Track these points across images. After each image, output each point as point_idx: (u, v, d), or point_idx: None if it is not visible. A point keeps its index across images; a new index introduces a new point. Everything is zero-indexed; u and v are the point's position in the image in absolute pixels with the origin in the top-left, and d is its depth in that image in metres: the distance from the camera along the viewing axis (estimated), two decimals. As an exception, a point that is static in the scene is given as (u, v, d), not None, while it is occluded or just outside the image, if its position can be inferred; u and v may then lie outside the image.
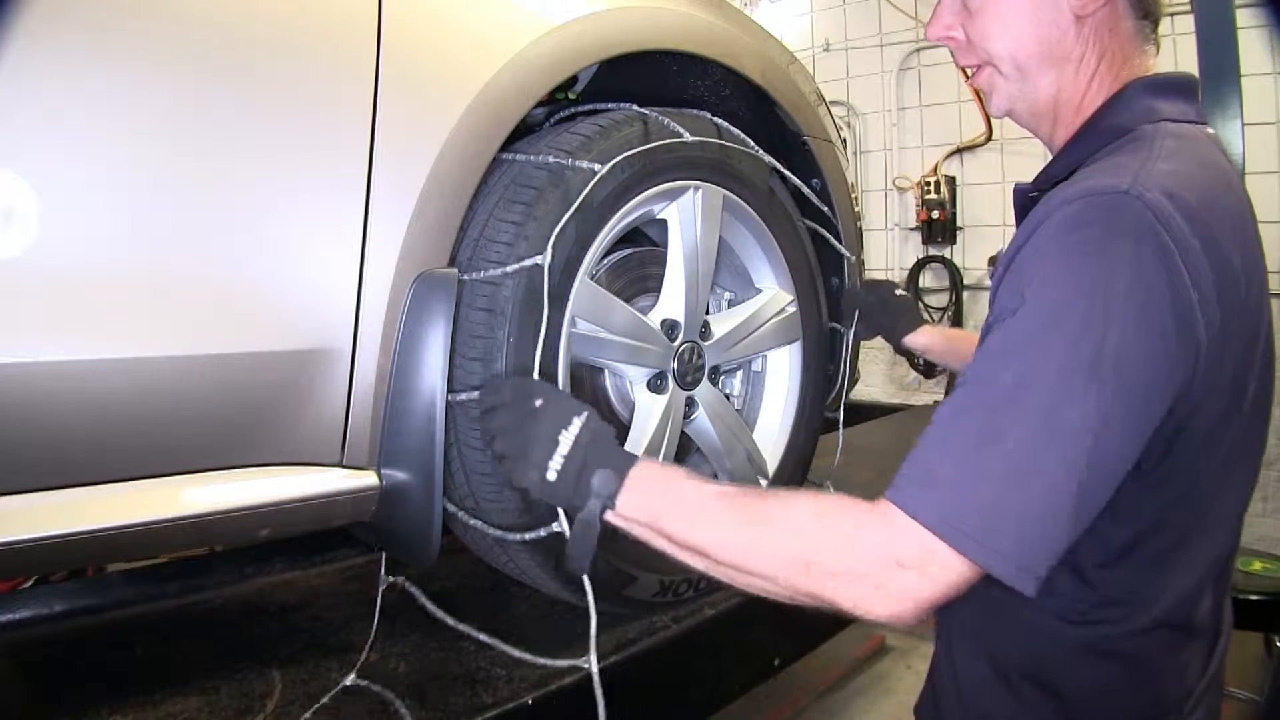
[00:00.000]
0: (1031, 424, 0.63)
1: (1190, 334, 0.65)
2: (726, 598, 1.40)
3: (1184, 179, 0.69)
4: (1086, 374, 0.63)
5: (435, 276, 0.99)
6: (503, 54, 1.03)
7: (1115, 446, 0.64)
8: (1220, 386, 0.69)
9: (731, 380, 1.53)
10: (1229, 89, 2.32)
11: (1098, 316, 0.63)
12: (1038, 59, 0.81)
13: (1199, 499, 0.74)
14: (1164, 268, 0.64)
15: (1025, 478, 0.63)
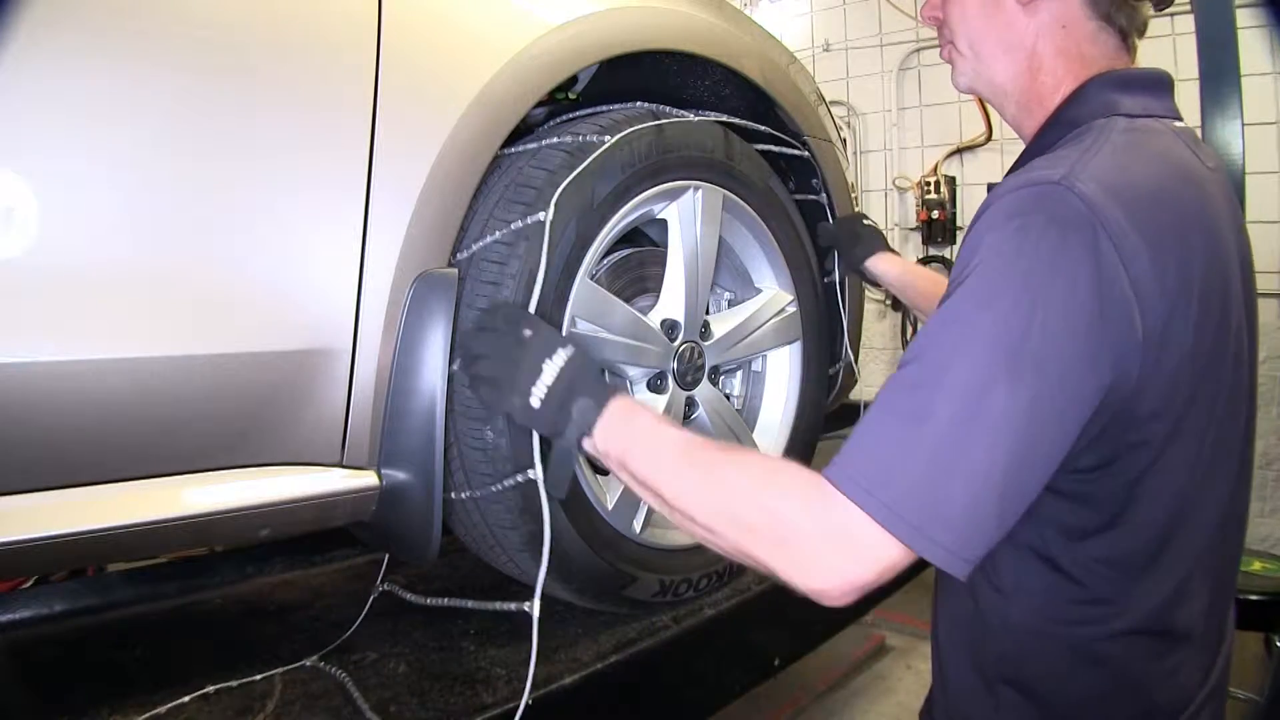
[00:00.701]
0: (956, 406, 0.64)
1: (1123, 323, 0.66)
2: (726, 598, 1.40)
3: (1127, 171, 0.70)
4: (1011, 359, 0.63)
5: (435, 276, 0.99)
6: (503, 54, 1.03)
7: (1042, 432, 0.64)
8: (1179, 379, 0.69)
9: (731, 380, 1.53)
10: (1229, 89, 2.32)
11: (1025, 303, 0.64)
12: (990, 43, 0.86)
13: (1173, 494, 0.74)
14: (1092, 257, 0.65)
15: (951, 460, 0.63)
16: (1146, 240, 0.66)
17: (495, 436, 1.04)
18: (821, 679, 2.54)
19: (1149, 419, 0.70)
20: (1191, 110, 2.51)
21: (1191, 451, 0.74)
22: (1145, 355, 0.67)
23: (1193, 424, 0.73)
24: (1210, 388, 0.73)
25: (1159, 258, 0.67)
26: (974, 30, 0.88)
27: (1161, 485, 0.73)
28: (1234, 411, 0.78)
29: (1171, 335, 0.68)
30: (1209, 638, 0.81)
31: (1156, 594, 0.76)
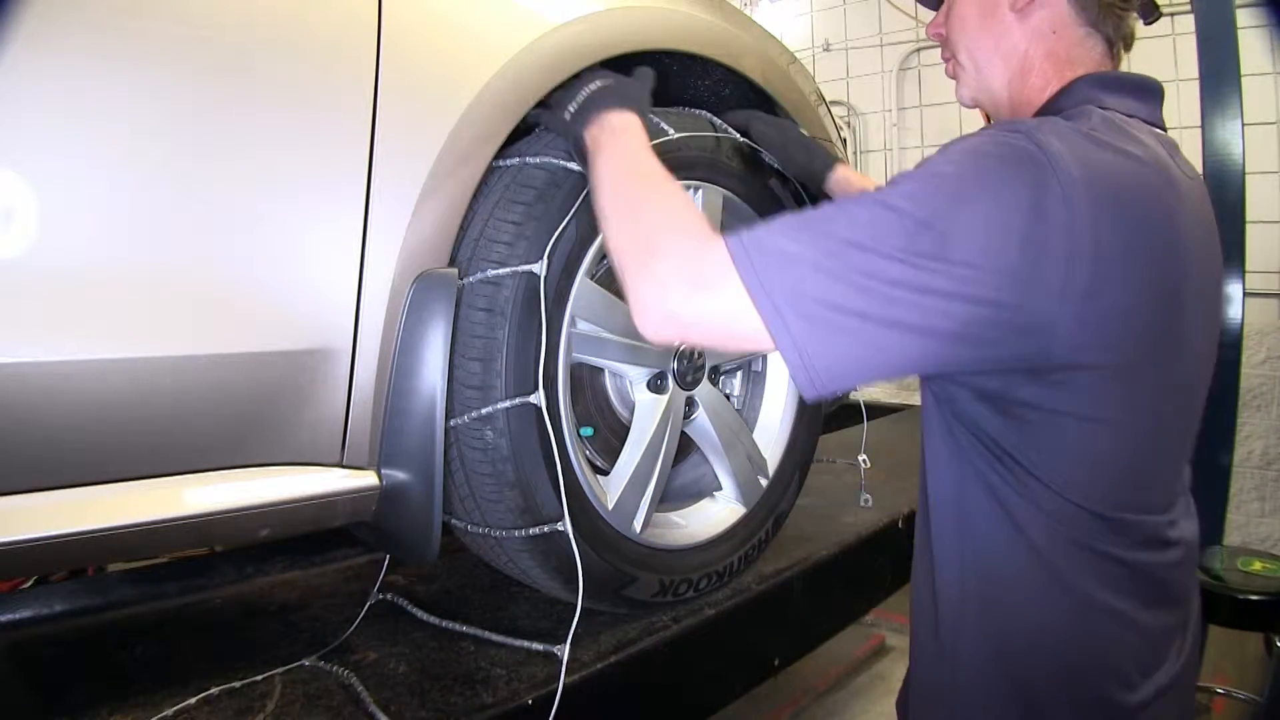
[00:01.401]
0: (857, 260, 0.67)
1: (1049, 260, 0.67)
2: (727, 598, 1.40)
3: (1090, 141, 0.72)
4: (913, 234, 0.67)
5: (435, 276, 0.99)
6: (503, 54, 1.03)
7: (925, 320, 0.67)
8: (1113, 342, 0.71)
9: (732, 380, 1.54)
10: (1229, 89, 2.33)
11: (951, 200, 0.68)
12: (986, 50, 0.90)
13: (1113, 458, 0.76)
14: (1037, 191, 0.67)
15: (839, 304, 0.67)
16: (1093, 198, 0.68)
17: (495, 436, 1.04)
18: (821, 679, 2.54)
19: (1071, 366, 0.71)
20: (1191, 110, 2.51)
21: (1135, 424, 0.76)
22: (1065, 300, 0.68)
23: (1135, 397, 0.74)
24: (1157, 370, 0.75)
25: (1106, 215, 0.69)
26: (972, 40, 0.91)
27: (1101, 446, 0.75)
28: (1184, 406, 0.80)
29: (1103, 294, 0.69)
30: (1171, 612, 0.83)
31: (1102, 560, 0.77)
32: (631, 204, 0.86)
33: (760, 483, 1.43)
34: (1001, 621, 0.81)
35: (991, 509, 0.79)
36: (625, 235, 0.82)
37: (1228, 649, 2.41)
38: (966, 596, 0.83)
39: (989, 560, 0.80)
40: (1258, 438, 3.23)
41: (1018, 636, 0.80)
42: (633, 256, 0.79)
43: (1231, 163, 2.34)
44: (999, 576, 0.80)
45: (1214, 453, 2.44)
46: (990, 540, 0.80)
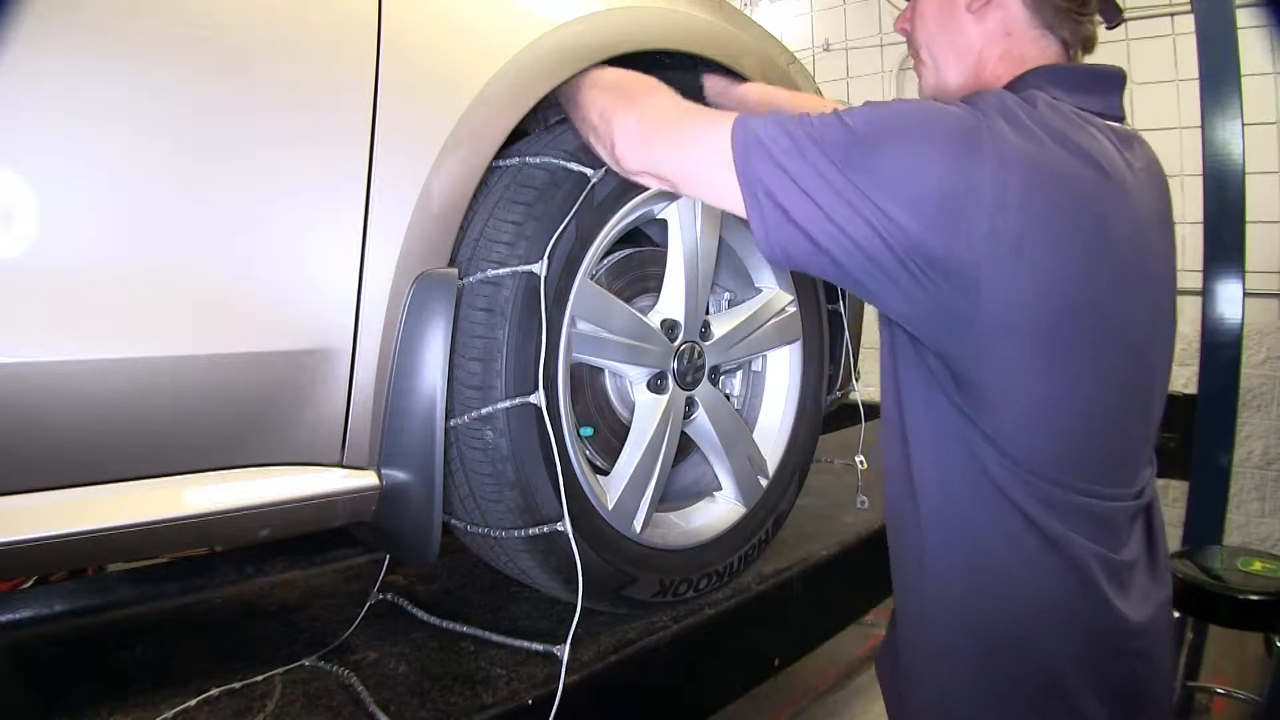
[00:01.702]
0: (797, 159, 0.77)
1: (968, 213, 0.71)
2: (726, 598, 1.40)
3: (1031, 118, 0.76)
4: (849, 146, 0.76)
5: (435, 276, 0.99)
6: (504, 54, 1.03)
7: (840, 225, 0.75)
8: (1039, 311, 0.74)
9: (731, 380, 1.53)
10: (1229, 89, 2.33)
11: (892, 129, 0.76)
12: (945, 49, 0.93)
13: (1053, 422, 0.79)
14: (968, 144, 0.73)
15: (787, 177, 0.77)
16: (1026, 163, 0.73)
17: (495, 436, 1.04)
18: (821, 679, 2.54)
19: (1005, 326, 0.74)
20: (1192, 110, 2.51)
21: (1071, 397, 0.78)
22: (993, 247, 0.71)
23: (1068, 369, 0.77)
24: (1090, 348, 0.78)
25: (1038, 188, 0.73)
26: (932, 39, 0.95)
27: (1040, 414, 0.78)
28: (1131, 386, 0.83)
29: (1028, 254, 0.72)
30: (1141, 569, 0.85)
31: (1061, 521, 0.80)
32: (607, 86, 1.02)
33: (760, 483, 1.43)
34: (979, 561, 0.83)
35: (963, 454, 0.82)
36: (606, 99, 1.00)
37: (1228, 649, 2.41)
38: (949, 542, 0.85)
39: (962, 501, 0.83)
40: (1258, 438, 3.23)
41: (994, 576, 0.82)
42: (615, 108, 0.97)
43: (1231, 163, 2.34)
44: (975, 521, 0.82)
45: (1214, 453, 2.44)
46: (964, 480, 0.82)
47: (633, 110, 0.95)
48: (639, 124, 0.93)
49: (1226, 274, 2.40)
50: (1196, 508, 2.50)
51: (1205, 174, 2.40)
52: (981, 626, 0.83)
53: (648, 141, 0.92)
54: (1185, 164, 3.15)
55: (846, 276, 0.79)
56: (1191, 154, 2.86)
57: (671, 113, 0.92)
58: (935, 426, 0.84)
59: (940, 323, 0.77)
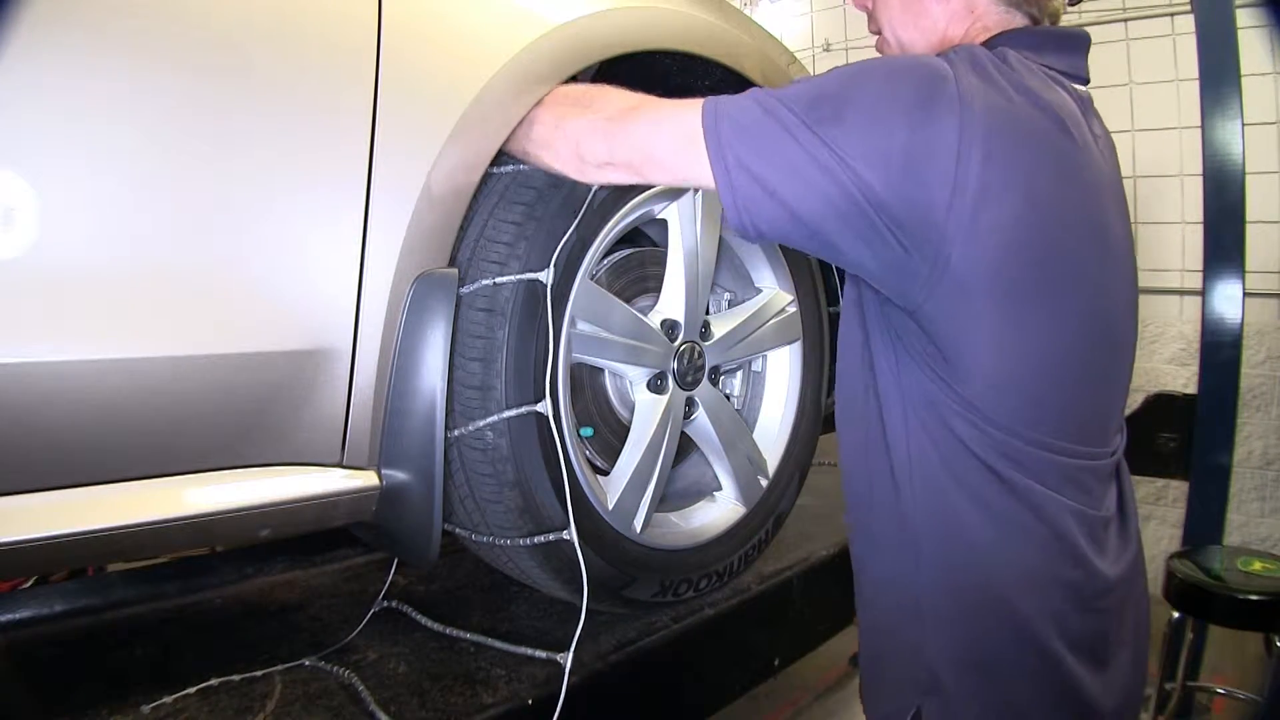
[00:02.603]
0: (768, 122, 0.77)
1: (934, 158, 0.72)
2: (726, 598, 1.40)
3: (998, 70, 0.76)
4: (815, 101, 0.76)
5: (435, 276, 0.99)
6: (504, 54, 1.03)
7: (816, 180, 0.74)
8: (1001, 262, 0.75)
9: (731, 380, 1.53)
10: (1229, 89, 2.32)
11: (856, 83, 0.76)
12: (909, 30, 0.94)
13: (1017, 374, 0.79)
14: (932, 92, 0.73)
15: (756, 141, 0.77)
16: (989, 110, 0.73)
17: (495, 437, 1.04)
18: (821, 679, 2.54)
19: (968, 278, 0.75)
20: (1192, 110, 2.51)
21: (1033, 349, 0.79)
22: (956, 198, 0.72)
23: (1027, 320, 0.78)
24: (1051, 300, 0.79)
25: (999, 138, 0.73)
26: (895, 18, 0.95)
27: (1004, 366, 0.79)
28: (1094, 342, 0.83)
29: (991, 202, 0.72)
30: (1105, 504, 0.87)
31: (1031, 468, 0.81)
32: (565, 101, 1.01)
33: (760, 483, 1.43)
34: (955, 521, 0.83)
35: (933, 417, 0.82)
36: (563, 109, 0.98)
37: (1228, 649, 2.41)
38: (925, 503, 0.85)
39: (934, 463, 0.83)
40: (1258, 438, 3.23)
41: (971, 537, 0.83)
42: (570, 116, 0.96)
43: (1231, 163, 2.34)
44: (948, 481, 0.83)
45: (1214, 453, 2.44)
46: (935, 442, 0.83)
47: (588, 109, 0.94)
48: (602, 118, 0.91)
49: (1226, 274, 2.40)
50: (1196, 508, 2.49)
51: (1205, 174, 2.39)
52: (958, 586, 0.84)
53: (611, 131, 0.90)
54: (1185, 164, 3.15)
55: (816, 238, 0.79)
56: (1191, 154, 2.86)
57: (632, 100, 0.92)
58: (904, 391, 0.84)
59: (909, 279, 0.77)
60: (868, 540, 0.94)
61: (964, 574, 0.83)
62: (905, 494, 0.85)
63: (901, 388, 0.84)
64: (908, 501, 0.85)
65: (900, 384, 0.84)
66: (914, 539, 0.86)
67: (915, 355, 0.82)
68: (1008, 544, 0.81)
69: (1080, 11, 3.31)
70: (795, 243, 0.82)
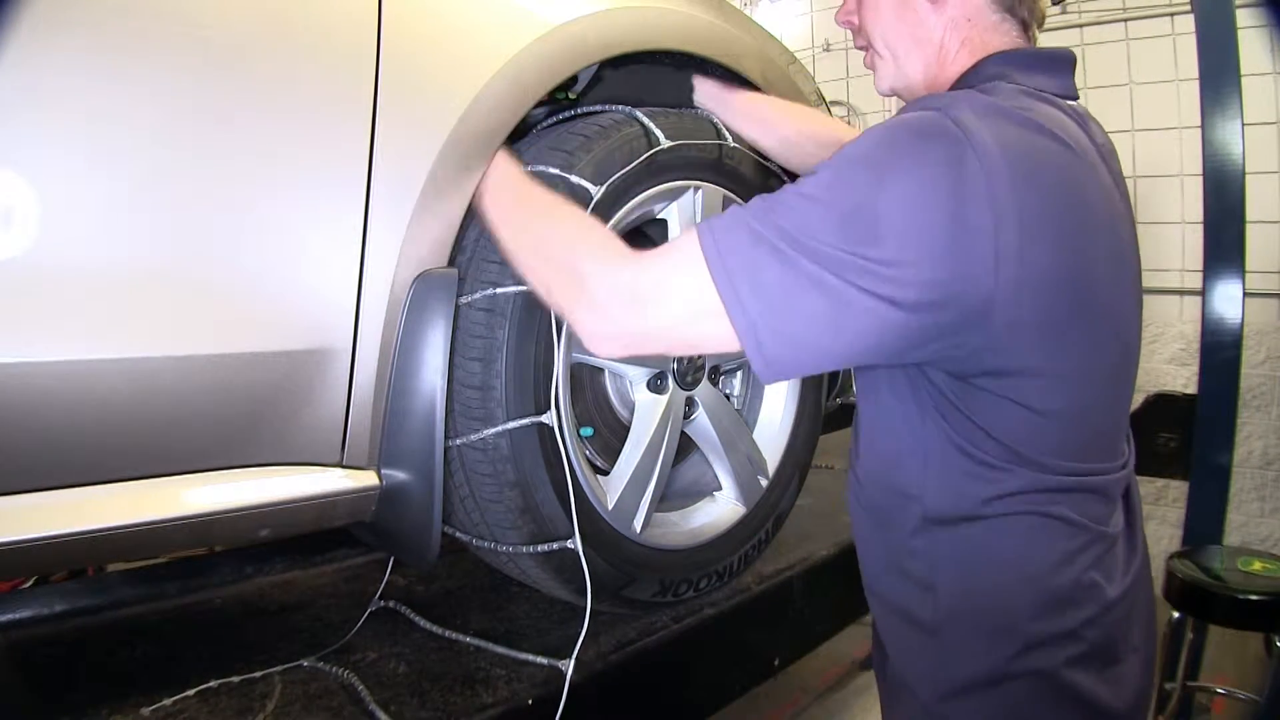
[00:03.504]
0: (801, 256, 0.71)
1: (979, 234, 0.69)
2: (727, 598, 1.40)
3: (1003, 114, 0.74)
4: (842, 226, 0.70)
5: (435, 276, 0.99)
6: (503, 54, 1.03)
7: (859, 301, 0.70)
8: (1042, 305, 0.73)
9: (732, 380, 1.53)
10: (1229, 89, 2.32)
11: (872, 185, 0.70)
12: (905, 41, 0.91)
13: (1061, 404, 0.79)
14: (956, 167, 0.69)
15: (785, 302, 0.72)
16: (1012, 165, 0.70)
17: (495, 436, 1.04)
18: (821, 679, 2.54)
19: (1012, 325, 0.73)
20: (1192, 110, 2.51)
21: (1074, 376, 0.78)
22: (1000, 266, 0.70)
23: (1069, 349, 0.77)
24: (1086, 323, 0.78)
25: (1022, 183, 0.71)
26: (888, 30, 0.92)
27: (1048, 402, 0.78)
28: (1118, 359, 0.83)
29: (1029, 253, 0.71)
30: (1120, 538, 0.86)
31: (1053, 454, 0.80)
32: (535, 239, 0.92)
33: (760, 483, 1.43)
34: (975, 538, 0.83)
35: (958, 458, 0.81)
36: (545, 273, 0.89)
37: (1228, 649, 2.41)
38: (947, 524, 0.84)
39: (959, 495, 0.82)
40: (1258, 438, 3.23)
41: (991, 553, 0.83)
42: (561, 291, 0.86)
43: (1231, 163, 2.34)
44: (971, 508, 0.82)
45: (1214, 453, 2.44)
46: (959, 476, 0.82)
47: (581, 299, 0.83)
48: (601, 321, 0.82)
49: (1226, 274, 2.40)
50: (1196, 508, 2.49)
51: (1205, 174, 2.39)
52: (973, 609, 0.84)
53: (622, 331, 0.81)
54: (1185, 164, 3.15)
55: (856, 360, 0.77)
56: (1191, 154, 2.86)
57: (629, 290, 0.80)
58: (925, 439, 0.83)
59: (956, 350, 0.75)
60: (878, 562, 0.94)
61: (978, 598, 0.83)
62: (924, 533, 0.85)
63: (919, 436, 0.83)
64: (926, 536, 0.85)
65: (920, 433, 0.83)
66: (930, 567, 0.85)
67: (939, 404, 0.81)
68: (1026, 559, 0.81)
69: (1080, 11, 3.32)
70: (824, 369, 0.79)
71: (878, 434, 0.89)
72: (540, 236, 0.92)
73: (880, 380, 0.87)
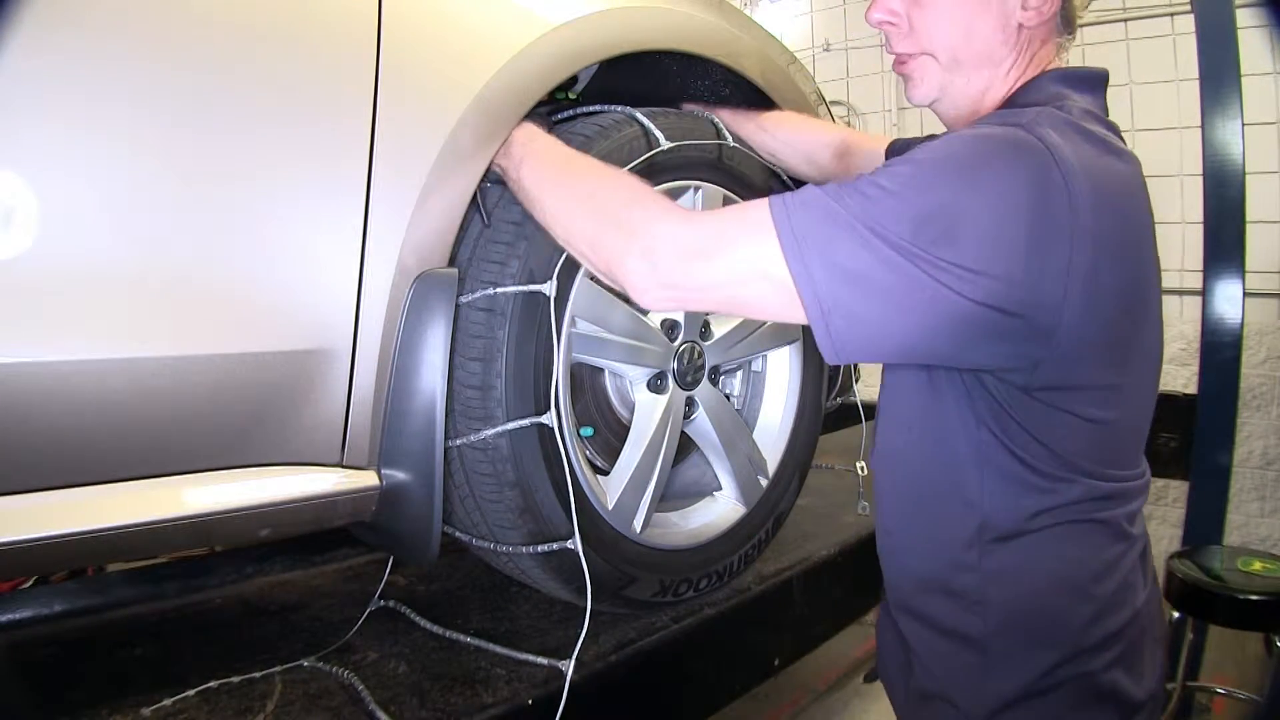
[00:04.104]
0: (875, 245, 0.70)
1: (1057, 246, 0.69)
2: (726, 598, 1.40)
3: (1078, 133, 0.74)
4: (919, 225, 0.69)
5: (435, 276, 0.99)
6: (503, 53, 1.03)
7: (934, 310, 0.69)
8: (1106, 317, 0.74)
9: (732, 380, 1.53)
10: (1229, 89, 2.32)
11: (956, 187, 0.70)
12: (976, 57, 0.86)
13: (1115, 416, 0.80)
14: (1041, 178, 0.69)
15: (856, 282, 0.71)
16: (1092, 185, 0.71)
17: (495, 436, 1.04)
18: (821, 679, 2.54)
19: (1078, 341, 0.73)
20: (1192, 110, 2.51)
21: (1129, 388, 0.80)
22: (1070, 282, 0.70)
23: (1128, 363, 0.78)
24: (1138, 337, 0.79)
25: (1099, 203, 0.71)
26: (961, 41, 0.86)
27: (1105, 413, 0.78)
28: (1153, 366, 0.85)
29: (1100, 273, 0.71)
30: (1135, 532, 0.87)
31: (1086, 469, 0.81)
32: (584, 194, 0.90)
33: (760, 483, 1.43)
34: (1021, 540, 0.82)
35: (1001, 459, 0.81)
36: (591, 223, 0.87)
37: (1228, 649, 2.41)
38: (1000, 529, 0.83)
39: (1007, 503, 0.82)
40: (1258, 438, 3.23)
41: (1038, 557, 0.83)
42: (613, 242, 0.84)
43: (1231, 163, 2.34)
44: (1020, 516, 0.82)
45: (1214, 453, 2.44)
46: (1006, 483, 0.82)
47: (633, 249, 0.82)
48: (655, 270, 0.80)
49: (1226, 274, 2.40)
50: (1196, 508, 2.49)
51: (1205, 174, 2.39)
52: (1024, 604, 0.84)
53: (675, 287, 0.80)
54: (1185, 164, 3.15)
55: (916, 352, 0.76)
56: (1191, 154, 2.86)
57: (688, 244, 0.79)
58: (981, 447, 0.82)
59: (1020, 356, 0.74)
60: (917, 579, 0.92)
61: (1030, 610, 0.83)
62: (982, 518, 0.84)
63: (980, 447, 0.82)
64: (983, 524, 0.84)
65: (979, 444, 0.82)
66: (982, 582, 0.84)
67: (1002, 420, 0.80)
68: (1073, 574, 0.82)
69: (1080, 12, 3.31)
70: (890, 359, 0.80)
71: (927, 435, 0.86)
72: (592, 194, 0.89)
73: (940, 382, 0.84)
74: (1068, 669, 0.81)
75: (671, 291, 0.81)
